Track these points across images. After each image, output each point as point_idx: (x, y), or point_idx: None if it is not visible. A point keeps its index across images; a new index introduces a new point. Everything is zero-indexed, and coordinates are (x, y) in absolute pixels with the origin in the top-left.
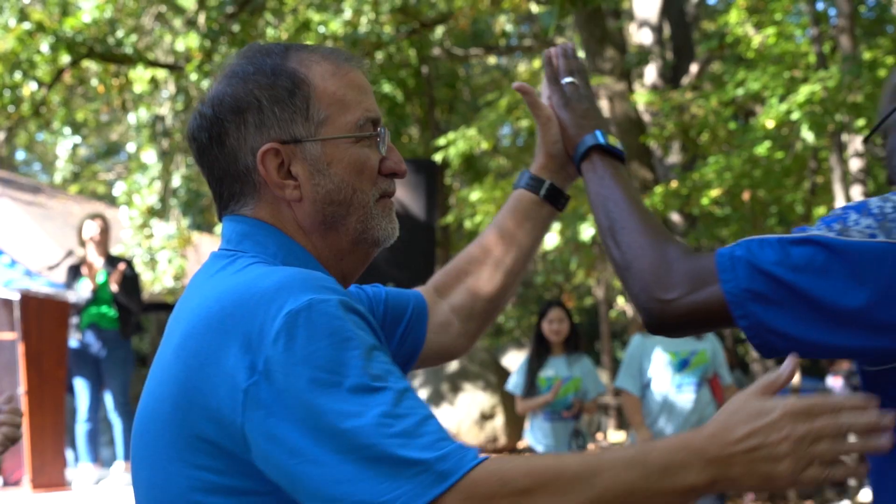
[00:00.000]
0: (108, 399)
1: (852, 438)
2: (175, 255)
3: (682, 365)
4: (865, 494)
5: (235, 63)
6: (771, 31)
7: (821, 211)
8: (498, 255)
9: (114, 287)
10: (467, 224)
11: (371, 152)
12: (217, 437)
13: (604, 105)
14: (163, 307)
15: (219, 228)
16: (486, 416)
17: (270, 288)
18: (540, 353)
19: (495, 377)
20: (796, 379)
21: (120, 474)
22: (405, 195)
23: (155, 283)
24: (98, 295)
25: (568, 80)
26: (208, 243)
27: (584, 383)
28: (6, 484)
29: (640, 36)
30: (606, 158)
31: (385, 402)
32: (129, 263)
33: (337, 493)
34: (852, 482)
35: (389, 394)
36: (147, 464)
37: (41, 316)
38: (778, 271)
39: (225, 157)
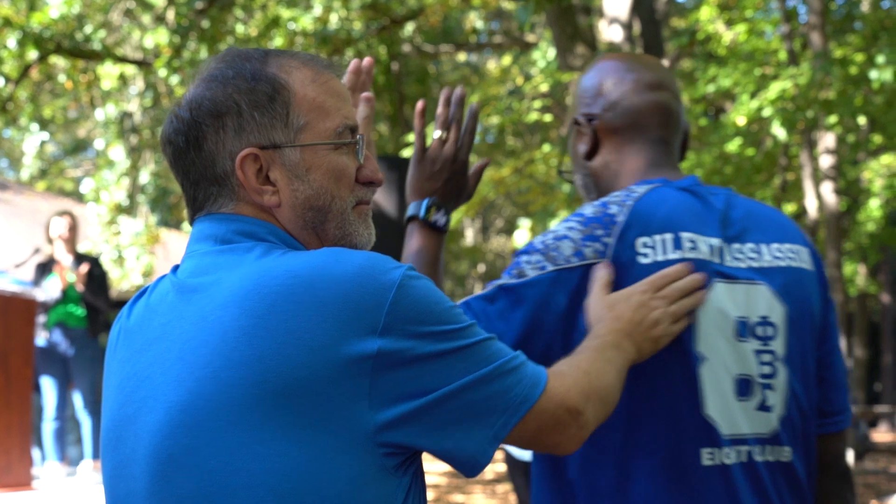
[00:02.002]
0: (77, 398)
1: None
2: (143, 252)
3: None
4: None
5: (214, 67)
6: (742, 27)
7: (790, 208)
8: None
9: (79, 286)
10: None
11: (349, 160)
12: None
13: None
14: None
15: (186, 225)
16: None
17: (361, 262)
18: None
19: None
20: None
21: (88, 473)
22: (378, 193)
23: (123, 280)
24: (66, 293)
25: (438, 133)
26: (176, 240)
27: None
28: None
29: (610, 33)
30: (423, 230)
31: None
32: (97, 261)
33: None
34: None
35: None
36: (212, 452)
37: (8, 314)
38: (482, 323)
39: (202, 161)
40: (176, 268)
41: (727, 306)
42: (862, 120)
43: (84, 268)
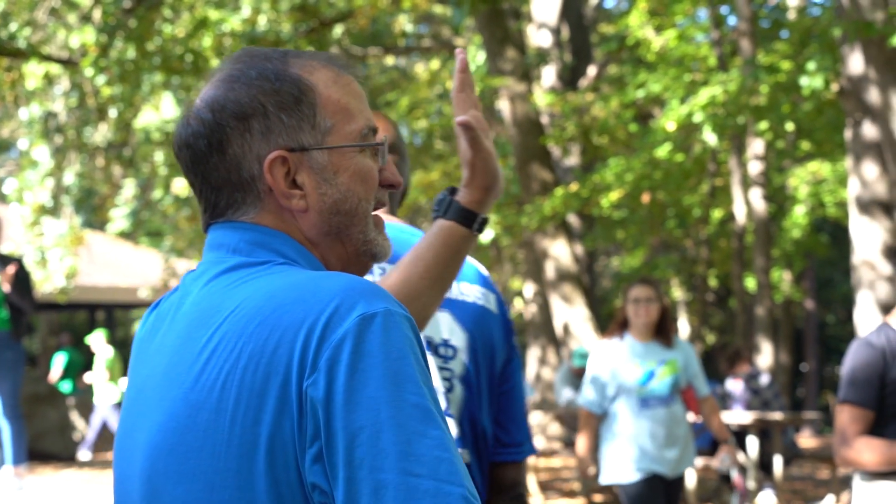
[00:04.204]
0: None
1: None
2: (67, 254)
3: (647, 377)
4: (764, 497)
5: (232, 67)
6: (672, 33)
7: (719, 214)
8: (423, 288)
9: (6, 287)
10: None
11: (372, 162)
12: (278, 436)
13: (505, 106)
14: (54, 307)
15: (111, 227)
16: None
17: (338, 287)
18: None
19: None
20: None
21: (7, 479)
22: None
23: (45, 282)
24: None
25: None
26: (101, 242)
27: None
28: None
29: (539, 38)
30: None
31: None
32: (21, 262)
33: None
34: (752, 485)
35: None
36: (179, 479)
37: None
38: None
39: (226, 165)
40: (191, 272)
41: None
42: (790, 126)
43: (11, 269)
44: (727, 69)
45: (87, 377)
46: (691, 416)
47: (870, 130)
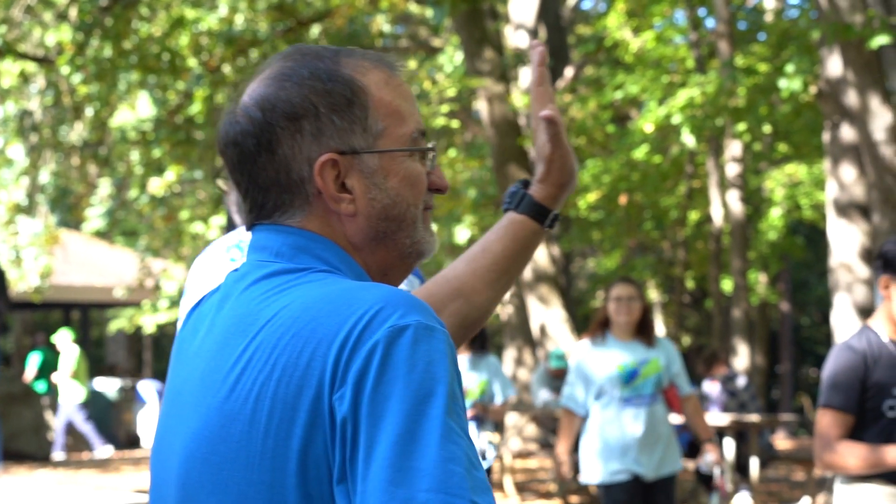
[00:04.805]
0: None
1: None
2: (42, 253)
3: (629, 377)
4: (741, 499)
5: (282, 65)
6: (649, 35)
7: (696, 215)
8: (489, 281)
9: None
10: None
11: (421, 166)
12: (308, 447)
13: (483, 107)
14: (28, 306)
15: (87, 226)
16: None
17: (373, 299)
18: None
19: None
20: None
21: None
22: None
23: (20, 281)
24: None
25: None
26: (76, 241)
27: (490, 385)
28: None
29: (517, 39)
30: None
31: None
32: None
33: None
34: (729, 487)
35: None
36: (212, 489)
37: None
38: None
39: (275, 165)
40: (234, 272)
41: None
42: (767, 129)
43: None
44: (705, 71)
45: (53, 376)
46: (675, 418)
47: (848, 133)
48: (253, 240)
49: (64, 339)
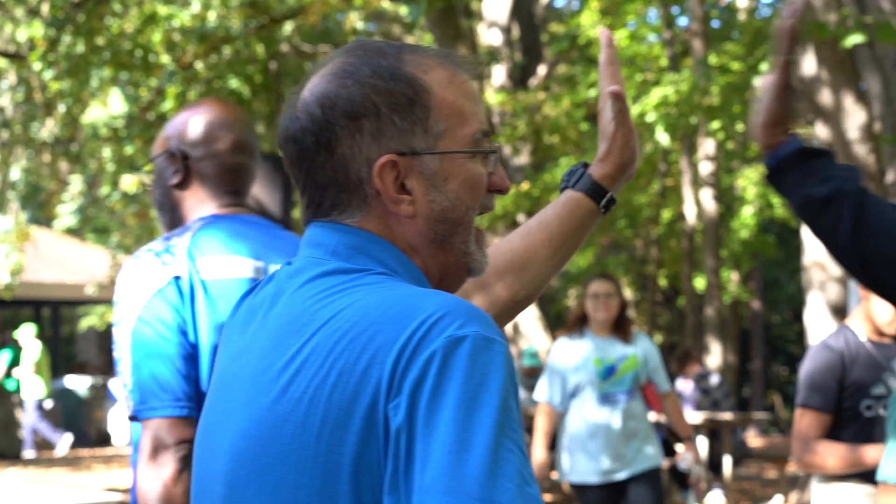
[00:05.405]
0: None
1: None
2: (13, 250)
3: (607, 373)
4: (713, 497)
5: (344, 61)
6: (623, 33)
7: (668, 214)
8: (543, 257)
9: None
10: None
11: (483, 167)
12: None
13: None
14: None
15: (58, 223)
16: None
17: (433, 308)
18: None
19: None
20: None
21: None
22: (260, 192)
23: None
24: None
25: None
26: (47, 238)
27: None
28: None
29: (490, 36)
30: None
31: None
32: None
33: None
34: (703, 484)
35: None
36: (261, 490)
37: None
38: None
39: (333, 164)
40: (288, 263)
41: None
42: (741, 127)
43: None
44: (679, 69)
45: (15, 372)
46: (652, 415)
47: (822, 132)
48: (308, 236)
49: (26, 335)
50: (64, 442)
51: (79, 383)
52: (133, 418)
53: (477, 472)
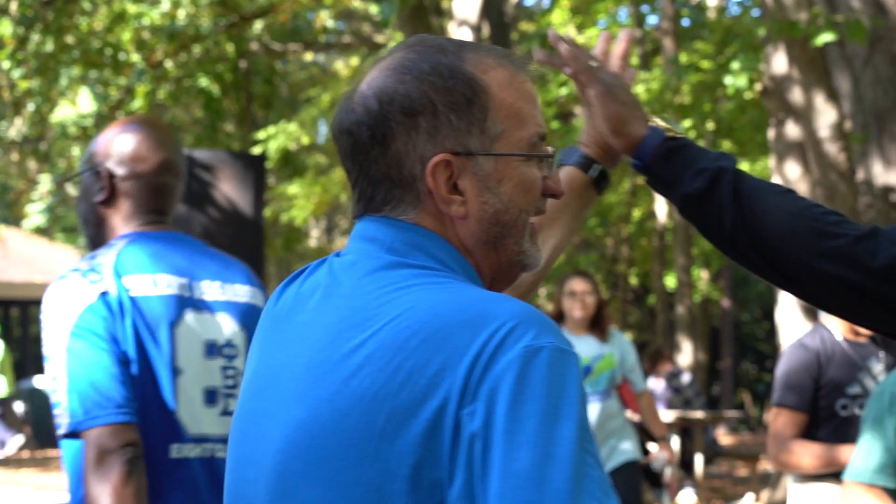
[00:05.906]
0: None
1: None
2: None
3: (583, 372)
4: (685, 496)
5: (403, 56)
6: (594, 32)
7: (639, 212)
8: (543, 235)
9: None
10: (284, 218)
11: (538, 171)
12: (418, 459)
13: None
14: None
15: (27, 222)
16: None
17: (507, 315)
18: None
19: None
20: None
21: None
22: (232, 191)
23: None
24: None
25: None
26: (16, 238)
27: None
28: None
29: (460, 35)
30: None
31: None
32: None
33: None
34: (676, 484)
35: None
36: (315, 482)
37: None
38: None
39: (387, 160)
40: (337, 254)
41: (198, 330)
42: (711, 125)
43: None
44: (649, 68)
45: None
46: (629, 414)
47: (793, 130)
48: (361, 230)
49: None
50: (13, 443)
51: (48, 383)
52: (71, 435)
53: (562, 486)
